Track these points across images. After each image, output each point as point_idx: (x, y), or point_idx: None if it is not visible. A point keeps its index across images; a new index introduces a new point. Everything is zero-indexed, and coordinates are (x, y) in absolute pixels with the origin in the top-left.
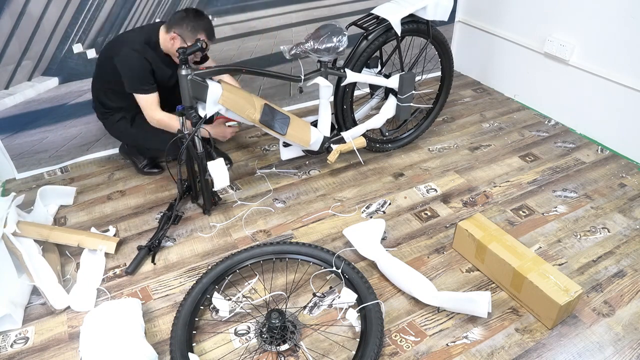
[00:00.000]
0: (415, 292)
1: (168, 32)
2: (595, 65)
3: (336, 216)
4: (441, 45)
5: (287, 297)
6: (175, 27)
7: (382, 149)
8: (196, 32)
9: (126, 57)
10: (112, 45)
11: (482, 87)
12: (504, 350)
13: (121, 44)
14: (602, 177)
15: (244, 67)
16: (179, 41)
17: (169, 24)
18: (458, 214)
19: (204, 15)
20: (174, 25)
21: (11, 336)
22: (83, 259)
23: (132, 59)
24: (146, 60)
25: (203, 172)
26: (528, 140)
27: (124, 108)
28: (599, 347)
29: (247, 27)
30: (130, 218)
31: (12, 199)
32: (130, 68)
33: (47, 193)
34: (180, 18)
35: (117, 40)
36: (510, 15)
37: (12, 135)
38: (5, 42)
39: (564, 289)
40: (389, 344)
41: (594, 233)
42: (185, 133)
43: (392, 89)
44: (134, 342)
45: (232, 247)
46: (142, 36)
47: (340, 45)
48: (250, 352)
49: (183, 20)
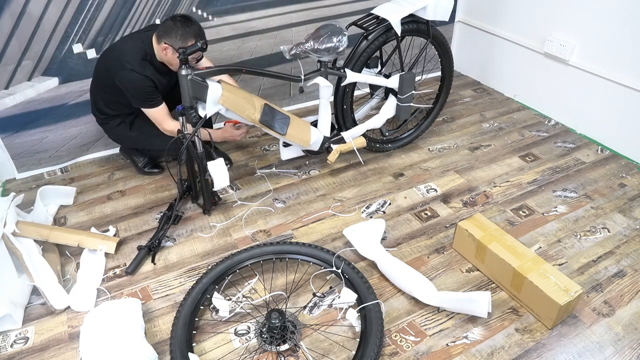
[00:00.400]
0: (415, 292)
1: (159, 43)
2: (595, 65)
3: (336, 216)
4: (441, 45)
5: (287, 297)
6: (165, 37)
7: (382, 149)
8: (186, 39)
9: (128, 79)
10: (110, 58)
11: (482, 87)
12: (504, 350)
13: (119, 63)
14: (602, 177)
15: (244, 67)
16: (171, 51)
17: (158, 35)
18: (458, 214)
19: (192, 21)
20: (163, 36)
21: (11, 336)
22: (83, 259)
23: (134, 80)
24: (147, 78)
25: (203, 172)
26: (528, 140)
27: (122, 114)
28: (599, 347)
29: (247, 27)
30: (130, 218)
31: (11, 198)
32: (134, 87)
33: (47, 193)
34: (169, 28)
35: (114, 54)
36: (510, 15)
37: (12, 135)
38: (5, 42)
39: (564, 289)
40: (389, 344)
41: (594, 233)
42: (185, 133)
43: (392, 89)
44: (134, 342)
45: (232, 247)
46: (138, 52)
47: (340, 45)
48: (250, 352)
49: (172, 30)
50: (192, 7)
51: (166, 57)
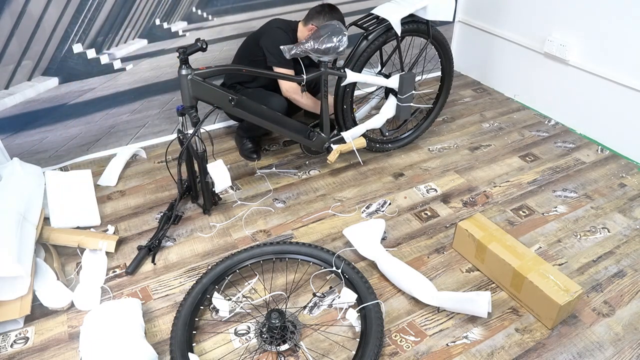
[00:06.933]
0: (415, 292)
1: (306, 25)
2: (595, 65)
3: (336, 216)
4: (441, 45)
5: (287, 297)
6: (313, 20)
7: (382, 149)
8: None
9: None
10: (259, 31)
11: (482, 87)
12: (504, 350)
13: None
14: (602, 177)
15: (244, 67)
16: None
17: (306, 19)
18: (458, 214)
19: (337, 9)
20: (312, 19)
21: (11, 336)
22: (84, 258)
23: (277, 36)
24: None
25: (204, 173)
26: (528, 140)
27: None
28: (599, 347)
29: (247, 27)
30: (130, 218)
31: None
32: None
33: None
34: (317, 12)
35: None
36: (510, 15)
37: (12, 135)
38: (5, 42)
39: (564, 289)
40: (389, 344)
41: (594, 233)
42: (185, 133)
43: (392, 89)
44: (134, 342)
45: (232, 247)
46: (287, 28)
47: (340, 45)
48: (250, 352)
49: (319, 14)
50: (192, 7)
51: None
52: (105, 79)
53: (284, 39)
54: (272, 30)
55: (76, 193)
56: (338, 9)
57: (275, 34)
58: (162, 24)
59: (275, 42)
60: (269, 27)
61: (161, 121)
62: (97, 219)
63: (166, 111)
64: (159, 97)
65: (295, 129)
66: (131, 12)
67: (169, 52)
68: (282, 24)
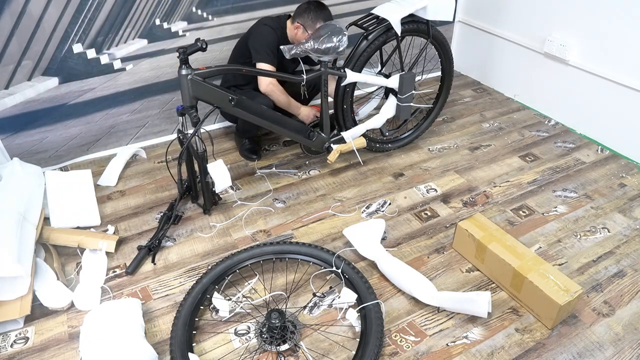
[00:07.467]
0: (415, 292)
1: (293, 23)
2: (595, 65)
3: (336, 216)
4: (441, 45)
5: (287, 297)
6: (299, 18)
7: (382, 149)
8: (316, 21)
9: (257, 31)
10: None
11: (482, 87)
12: (504, 350)
13: (257, 24)
14: (602, 177)
15: (244, 67)
16: (301, 30)
17: (293, 16)
18: (458, 214)
19: (324, 6)
20: (298, 16)
21: (11, 336)
22: (84, 258)
23: (263, 32)
24: (275, 34)
25: (204, 173)
26: (528, 140)
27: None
28: (599, 347)
29: (247, 27)
30: (130, 218)
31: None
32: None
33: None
34: (303, 10)
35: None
36: (510, 15)
37: (12, 135)
38: (5, 42)
39: (564, 289)
40: (389, 344)
41: (594, 233)
42: (185, 133)
43: (392, 89)
44: (134, 342)
45: (232, 247)
46: (275, 25)
47: (340, 45)
48: (250, 352)
49: (305, 12)
50: (192, 7)
51: (296, 36)
52: (105, 79)
53: (269, 36)
54: (259, 27)
55: (76, 193)
56: (325, 5)
57: (261, 30)
58: (162, 24)
59: (260, 38)
60: (257, 25)
61: (161, 121)
62: (97, 219)
63: (166, 111)
64: (159, 97)
65: (295, 128)
66: (131, 12)
67: (169, 52)
68: (270, 21)
